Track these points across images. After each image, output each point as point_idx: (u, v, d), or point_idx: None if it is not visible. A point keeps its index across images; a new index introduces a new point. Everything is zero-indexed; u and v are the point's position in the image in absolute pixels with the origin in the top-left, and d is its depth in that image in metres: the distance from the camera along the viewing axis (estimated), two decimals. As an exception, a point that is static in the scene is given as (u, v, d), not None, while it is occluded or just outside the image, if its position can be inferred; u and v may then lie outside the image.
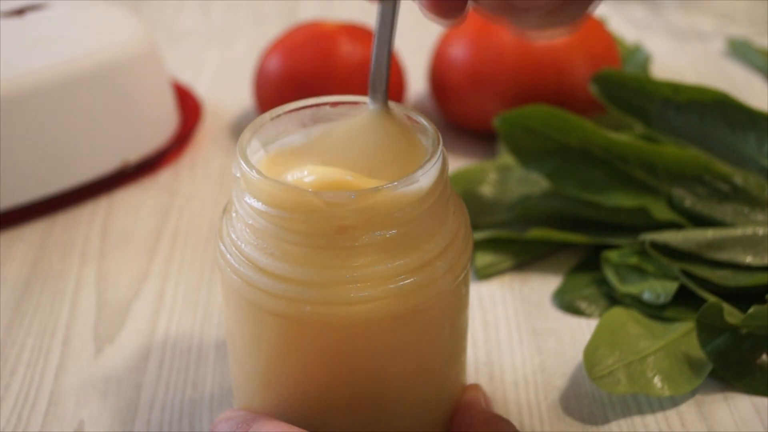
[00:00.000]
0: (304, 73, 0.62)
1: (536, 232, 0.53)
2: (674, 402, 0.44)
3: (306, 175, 0.36)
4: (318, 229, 0.34)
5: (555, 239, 0.53)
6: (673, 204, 0.52)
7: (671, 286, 0.48)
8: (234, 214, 0.36)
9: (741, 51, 0.77)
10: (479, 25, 0.63)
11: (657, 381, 0.44)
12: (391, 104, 0.38)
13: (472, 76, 0.62)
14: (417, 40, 0.78)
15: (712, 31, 0.82)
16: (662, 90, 0.56)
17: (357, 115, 0.38)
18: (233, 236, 0.36)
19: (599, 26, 0.64)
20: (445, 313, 0.37)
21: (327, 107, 0.39)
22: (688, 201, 0.52)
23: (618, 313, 0.47)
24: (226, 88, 0.73)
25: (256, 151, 0.38)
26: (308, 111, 0.39)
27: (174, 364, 0.47)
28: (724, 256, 0.49)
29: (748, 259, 0.49)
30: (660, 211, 0.52)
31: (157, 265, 0.54)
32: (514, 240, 0.53)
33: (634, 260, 0.50)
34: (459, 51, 0.63)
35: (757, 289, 0.48)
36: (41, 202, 0.58)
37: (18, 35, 0.59)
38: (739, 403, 0.44)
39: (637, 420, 0.43)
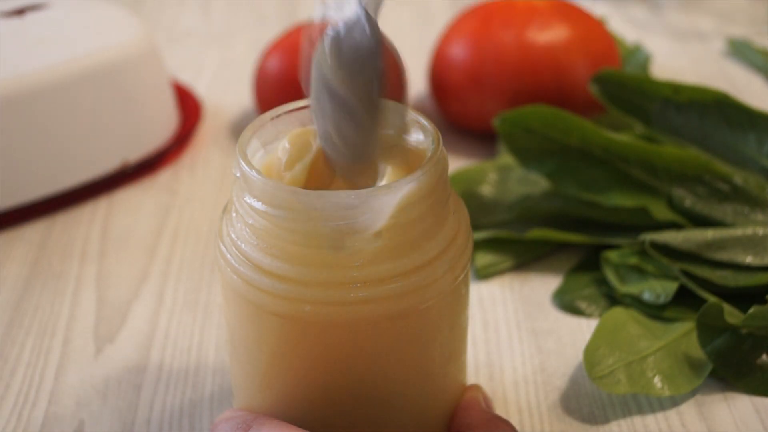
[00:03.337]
0: (304, 73, 0.62)
1: (536, 232, 0.53)
2: (674, 402, 0.44)
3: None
4: (318, 229, 0.34)
5: (555, 239, 0.53)
6: (673, 204, 0.52)
7: (671, 286, 0.48)
8: (234, 214, 0.36)
9: (741, 51, 0.77)
10: (479, 25, 0.63)
11: (657, 381, 0.44)
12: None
13: (472, 76, 0.62)
14: (417, 40, 0.78)
15: (712, 31, 0.82)
16: (662, 90, 0.56)
17: None
18: (233, 236, 0.36)
19: (599, 26, 0.64)
20: (445, 313, 0.37)
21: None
22: (688, 201, 0.52)
23: (618, 313, 0.47)
24: (226, 88, 0.73)
25: (256, 151, 0.38)
26: (308, 111, 0.39)
27: (174, 364, 0.47)
28: (724, 256, 0.49)
29: (748, 259, 0.49)
30: (660, 211, 0.52)
31: (157, 265, 0.54)
32: (514, 240, 0.53)
33: (634, 260, 0.50)
34: (459, 51, 0.63)
35: (757, 289, 0.48)
36: (41, 202, 0.58)
37: (18, 35, 0.59)
38: (739, 403, 0.44)
39: (637, 420, 0.43)
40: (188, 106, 0.67)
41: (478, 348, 0.48)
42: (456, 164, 0.61)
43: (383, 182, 0.36)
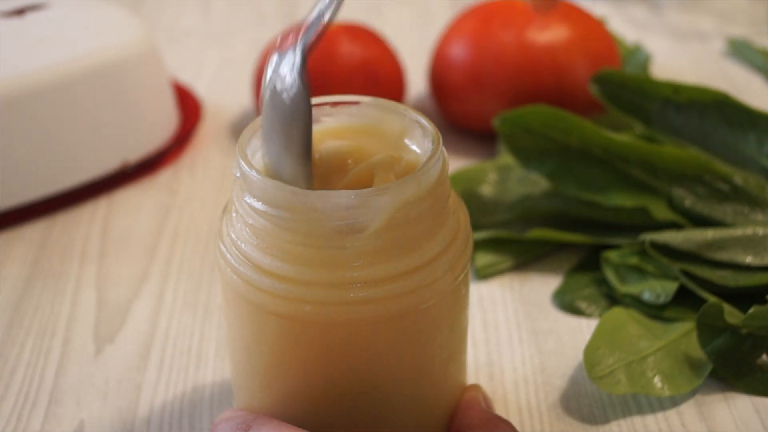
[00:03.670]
0: (304, 73, 0.62)
1: (536, 232, 0.53)
2: (674, 402, 0.44)
3: None
4: (318, 229, 0.34)
5: (555, 239, 0.53)
6: (673, 204, 0.52)
7: (671, 286, 0.48)
8: (234, 214, 0.36)
9: (741, 51, 0.77)
10: (479, 25, 0.63)
11: (657, 381, 0.44)
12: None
13: (472, 76, 0.62)
14: (417, 40, 0.78)
15: (712, 31, 0.82)
16: (662, 90, 0.56)
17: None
18: (233, 236, 0.36)
19: (599, 26, 0.64)
20: (445, 313, 0.37)
21: (327, 107, 0.39)
22: (688, 201, 0.52)
23: (618, 313, 0.47)
24: (226, 88, 0.73)
25: (256, 151, 0.38)
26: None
27: (174, 364, 0.47)
28: (724, 256, 0.49)
29: (748, 259, 0.49)
30: (660, 211, 0.52)
31: (157, 265, 0.54)
32: (514, 240, 0.53)
33: (634, 260, 0.50)
34: (459, 51, 0.63)
35: (757, 289, 0.48)
36: (41, 202, 0.58)
37: (18, 35, 0.59)
38: (739, 403, 0.44)
39: (637, 420, 0.43)
40: (188, 106, 0.67)
41: (478, 348, 0.48)
42: (456, 164, 0.61)
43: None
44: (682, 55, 0.78)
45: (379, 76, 0.62)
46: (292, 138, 0.35)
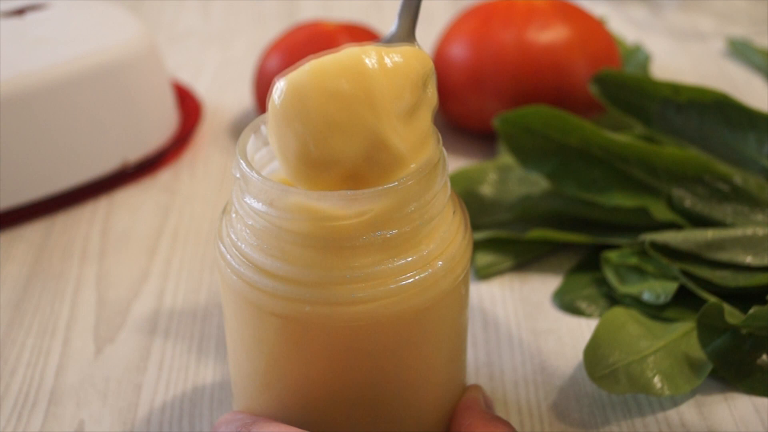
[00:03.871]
0: (304, 73, 0.62)
1: (536, 232, 0.53)
2: (674, 402, 0.44)
3: None
4: (318, 230, 0.34)
5: (555, 239, 0.53)
6: (673, 204, 0.52)
7: (671, 286, 0.48)
8: (234, 215, 0.36)
9: (741, 51, 0.77)
10: (479, 25, 0.63)
11: (657, 381, 0.44)
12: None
13: (472, 76, 0.62)
14: (417, 40, 0.78)
15: (712, 31, 0.82)
16: (662, 90, 0.56)
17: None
18: (233, 236, 0.36)
19: (599, 26, 0.64)
20: (445, 313, 0.37)
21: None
22: (688, 201, 0.52)
23: (618, 313, 0.47)
24: (226, 88, 0.73)
25: (256, 151, 0.38)
26: None
27: (174, 364, 0.47)
28: (724, 256, 0.49)
29: (748, 260, 0.49)
30: (660, 211, 0.52)
31: (157, 265, 0.54)
32: (514, 240, 0.53)
33: (634, 260, 0.50)
34: (459, 51, 0.63)
35: (757, 290, 0.48)
36: (41, 202, 0.58)
37: (18, 35, 0.59)
38: (739, 403, 0.44)
39: (637, 420, 0.43)
40: (188, 106, 0.67)
41: (478, 348, 0.48)
42: (456, 164, 0.61)
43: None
44: (682, 55, 0.78)
45: (379, 76, 0.62)
46: None
